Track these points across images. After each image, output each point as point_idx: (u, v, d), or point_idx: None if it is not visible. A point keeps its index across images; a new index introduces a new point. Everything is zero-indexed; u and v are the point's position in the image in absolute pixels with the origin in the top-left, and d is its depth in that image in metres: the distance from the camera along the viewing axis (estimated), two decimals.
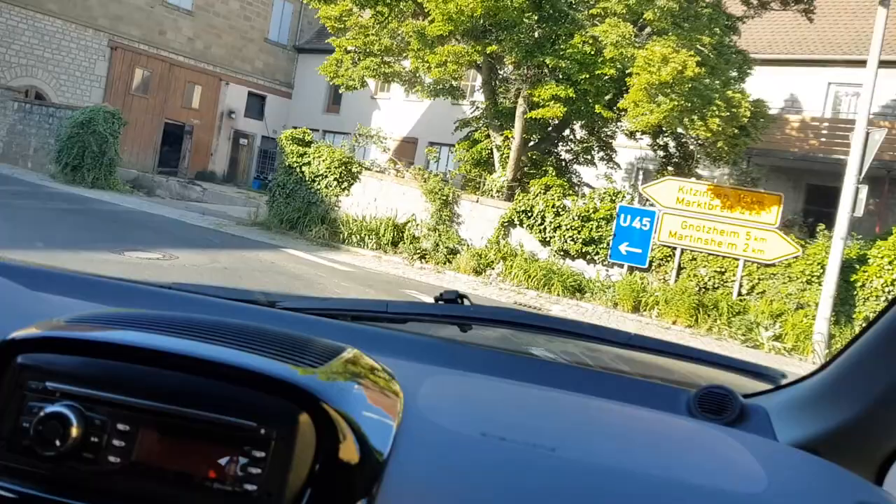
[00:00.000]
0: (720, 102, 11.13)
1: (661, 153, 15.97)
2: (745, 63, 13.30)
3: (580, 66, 12.59)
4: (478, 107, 17.02)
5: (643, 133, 14.50)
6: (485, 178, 14.98)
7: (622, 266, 12.75)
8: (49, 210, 12.57)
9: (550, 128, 15.26)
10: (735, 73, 12.84)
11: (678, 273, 12.32)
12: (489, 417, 0.90)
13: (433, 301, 1.34)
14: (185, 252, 10.24)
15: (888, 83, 15.39)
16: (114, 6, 23.05)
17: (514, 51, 12.90)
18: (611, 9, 12.00)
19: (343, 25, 14.82)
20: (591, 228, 12.79)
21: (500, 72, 15.64)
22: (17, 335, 0.78)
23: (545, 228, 13.22)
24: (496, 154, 15.26)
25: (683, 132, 13.41)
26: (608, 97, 13.67)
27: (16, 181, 15.68)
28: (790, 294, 11.40)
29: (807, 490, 0.86)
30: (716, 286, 12.05)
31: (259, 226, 15.24)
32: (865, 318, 10.65)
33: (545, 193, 13.30)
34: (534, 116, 13.53)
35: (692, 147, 15.00)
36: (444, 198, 14.06)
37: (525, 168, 15.02)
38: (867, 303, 10.95)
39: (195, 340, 0.79)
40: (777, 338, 10.85)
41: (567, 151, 16.52)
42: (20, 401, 0.75)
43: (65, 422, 0.72)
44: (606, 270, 12.92)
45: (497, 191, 14.43)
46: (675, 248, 12.41)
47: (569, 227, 12.95)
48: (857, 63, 15.23)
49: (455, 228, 14.15)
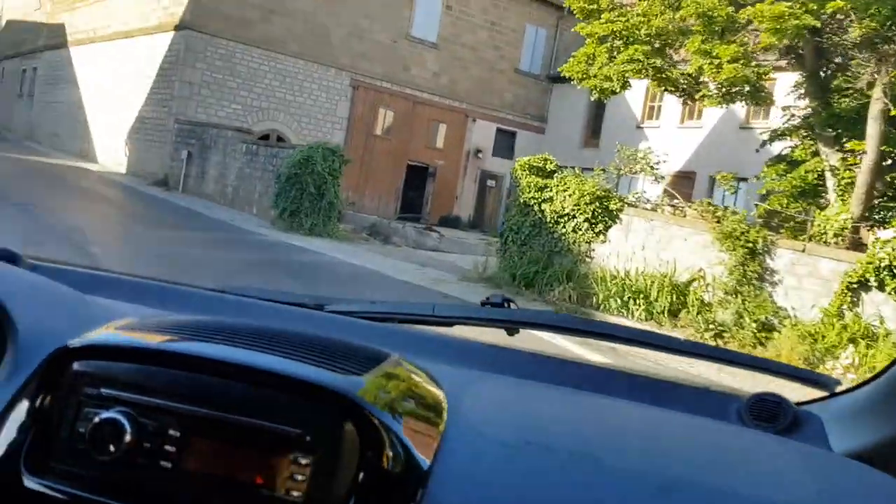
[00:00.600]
0: None
1: None
2: None
3: None
4: (793, 114, 11.96)
5: None
6: (813, 216, 9.92)
7: None
8: (236, 261, 10.33)
9: None
10: None
11: None
12: (534, 425, 0.89)
13: (479, 304, 1.32)
14: None
15: None
16: (356, 44, 21.68)
17: (874, 7, 7.93)
18: None
19: (595, 4, 10.84)
20: None
21: (831, 59, 10.55)
22: (73, 343, 0.81)
23: None
24: (830, 179, 10.14)
25: None
26: None
27: (227, 228, 14.01)
28: None
29: (861, 502, 0.84)
30: None
31: (487, 281, 11.70)
32: None
33: None
34: None
35: None
36: (750, 245, 9.34)
37: (882, 199, 9.70)
38: None
39: (243, 347, 0.82)
40: None
41: None
42: (76, 407, 0.78)
43: (119, 428, 0.75)
44: None
45: (835, 235, 9.37)
46: None
47: None
48: None
49: (768, 291, 9.32)
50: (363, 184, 22.37)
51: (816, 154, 10.75)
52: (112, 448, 0.74)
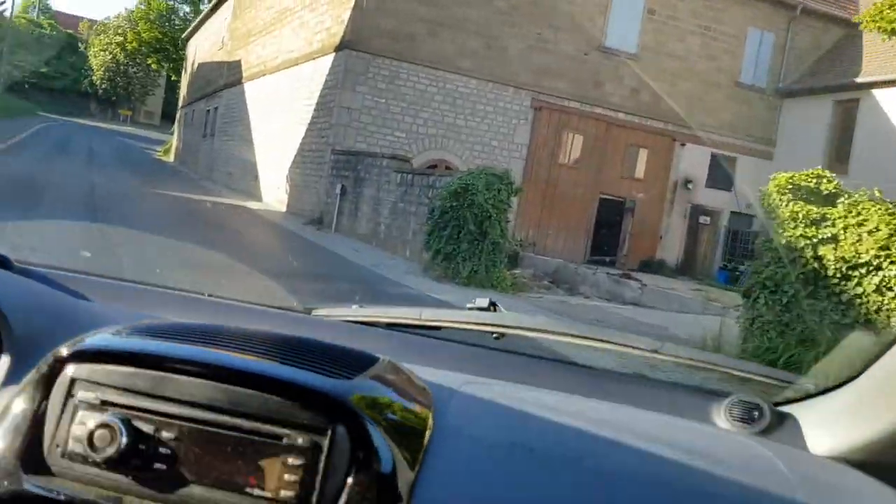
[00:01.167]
0: None
1: None
2: None
3: None
4: None
5: None
6: None
7: None
8: None
9: None
10: None
11: None
12: (519, 428, 0.91)
13: (466, 308, 1.33)
14: None
15: None
16: (538, 57, 18.41)
17: None
18: None
19: None
20: None
21: None
22: (69, 348, 0.82)
23: None
24: None
25: None
26: None
27: (365, 277, 11.09)
28: None
29: (838, 502, 0.87)
30: None
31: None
32: None
33: None
34: None
35: None
36: None
37: None
38: None
39: (235, 351, 0.83)
40: None
41: None
42: (72, 411, 0.79)
43: (114, 431, 0.75)
44: None
45: None
46: None
47: None
48: None
49: None
50: (546, 221, 18.89)
51: None
52: (108, 451, 0.75)
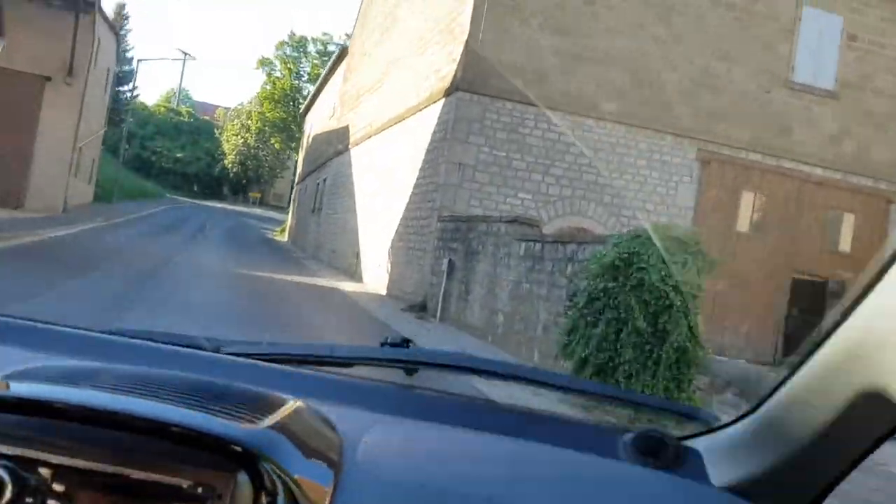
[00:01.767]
0: None
1: None
2: None
3: None
4: None
5: None
6: None
7: None
8: None
9: None
10: None
11: None
12: (428, 467, 0.90)
13: (379, 345, 1.28)
14: None
15: None
16: (705, 97, 14.29)
17: None
18: None
19: None
20: None
21: None
22: None
23: None
24: None
25: None
26: None
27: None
28: None
29: None
30: None
31: None
32: None
33: None
34: None
35: None
36: None
37: None
38: None
39: (132, 395, 0.77)
40: None
41: None
42: None
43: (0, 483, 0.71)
44: None
45: None
46: None
47: None
48: None
49: None
50: (721, 308, 14.29)
51: None
52: None
